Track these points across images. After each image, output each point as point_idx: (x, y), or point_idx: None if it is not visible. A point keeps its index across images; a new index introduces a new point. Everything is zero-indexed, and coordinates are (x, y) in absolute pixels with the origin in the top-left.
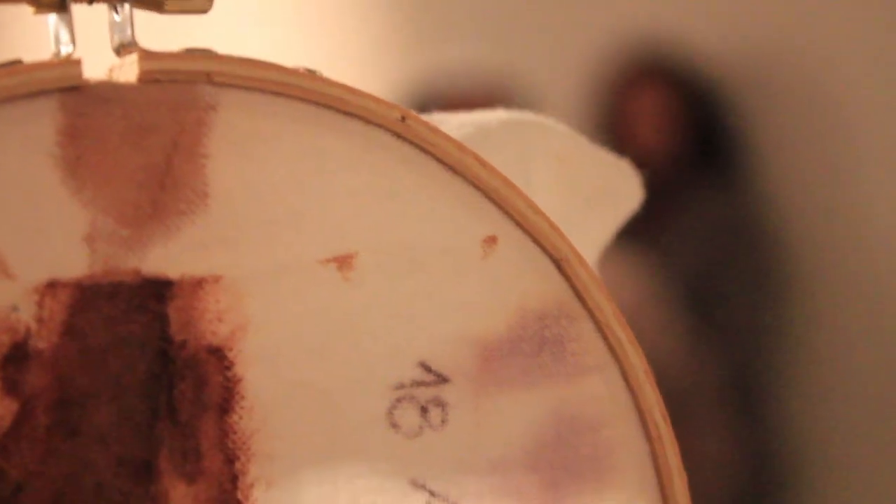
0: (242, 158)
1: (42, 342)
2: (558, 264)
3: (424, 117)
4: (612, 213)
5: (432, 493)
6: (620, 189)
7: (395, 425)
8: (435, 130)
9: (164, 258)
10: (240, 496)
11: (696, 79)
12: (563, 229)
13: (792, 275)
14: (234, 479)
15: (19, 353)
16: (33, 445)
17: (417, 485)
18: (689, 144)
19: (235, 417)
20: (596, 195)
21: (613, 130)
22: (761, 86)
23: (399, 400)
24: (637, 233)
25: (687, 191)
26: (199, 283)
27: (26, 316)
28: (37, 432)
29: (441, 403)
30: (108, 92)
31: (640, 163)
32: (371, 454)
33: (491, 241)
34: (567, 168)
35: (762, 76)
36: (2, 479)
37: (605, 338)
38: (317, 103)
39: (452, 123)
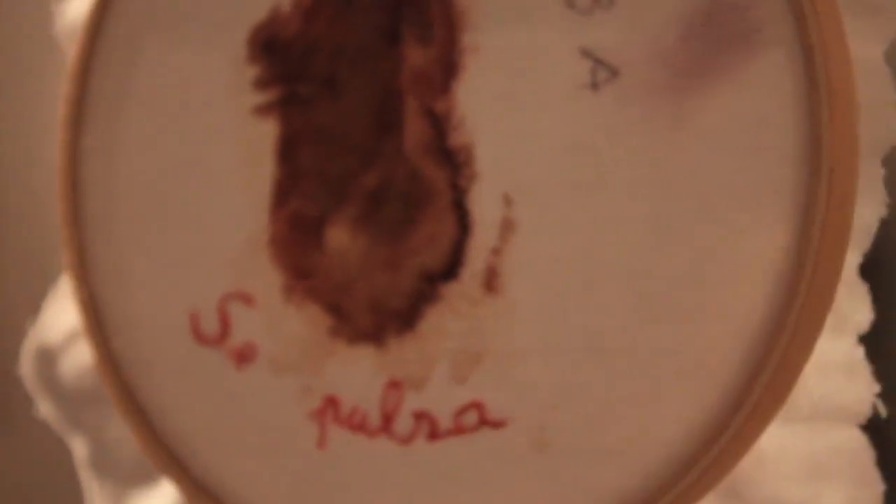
0: None
1: None
2: None
3: None
4: (879, 28)
5: (598, 61)
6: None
7: (570, 5)
8: None
9: None
10: (455, 57)
11: None
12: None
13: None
14: (455, 45)
15: None
16: (324, 14)
17: (586, 52)
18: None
19: None
20: (863, 8)
21: None
22: None
23: None
24: None
25: None
26: None
27: None
28: (326, 7)
29: None
30: None
31: None
32: (550, 26)
33: None
34: None
35: None
36: (305, 36)
37: None
38: None
39: None
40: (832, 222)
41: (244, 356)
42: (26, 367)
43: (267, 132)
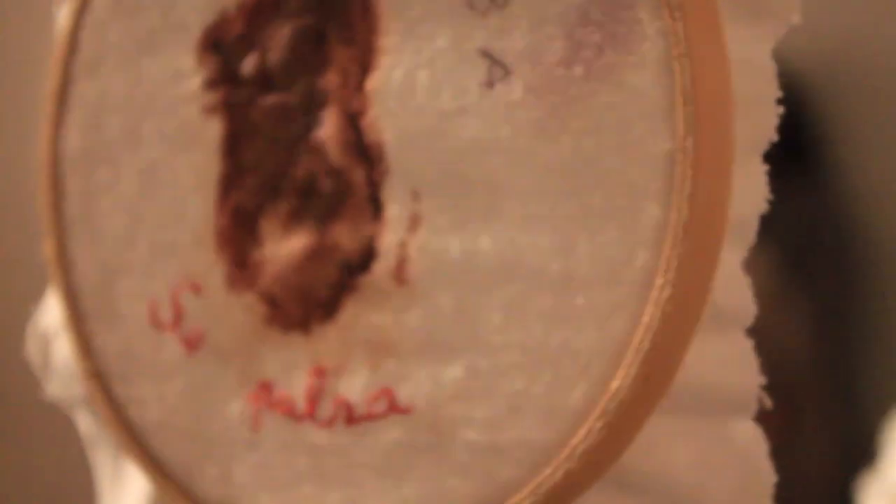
0: None
1: None
2: None
3: None
4: (766, 29)
5: (493, 60)
6: (779, 3)
7: (471, 6)
8: None
9: None
10: (371, 57)
11: (784, 78)
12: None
13: (877, 268)
14: (372, 46)
15: None
16: (262, 16)
17: (482, 52)
18: (775, 144)
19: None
20: (749, 10)
21: None
22: (844, 84)
23: None
24: None
25: (773, 188)
26: None
27: None
28: (264, 9)
29: None
30: None
31: None
32: (453, 26)
33: None
34: None
35: (845, 73)
36: (247, 37)
37: None
38: None
39: None
40: (698, 220)
41: (193, 343)
42: (30, 350)
43: (218, 130)
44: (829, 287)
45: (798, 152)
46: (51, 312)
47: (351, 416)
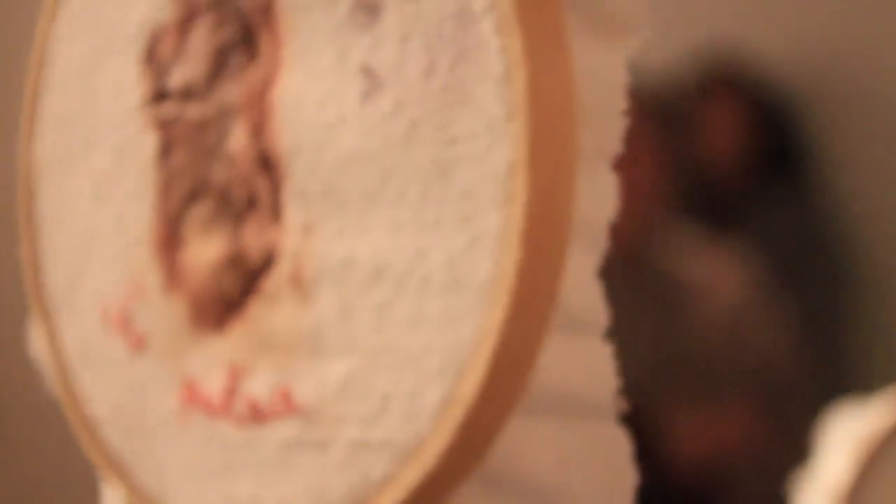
0: None
1: None
2: None
3: None
4: (616, 42)
5: (369, 73)
6: (628, 19)
7: (354, 20)
8: None
9: None
10: (275, 71)
11: (770, 88)
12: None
13: (863, 277)
14: (275, 59)
15: None
16: (188, 32)
17: (361, 64)
18: (762, 152)
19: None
20: (598, 25)
21: (688, 138)
22: (832, 94)
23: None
24: (711, 235)
25: (759, 197)
26: None
27: None
28: (189, 26)
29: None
30: None
31: (714, 169)
32: (339, 39)
33: None
34: None
35: (833, 85)
36: (176, 53)
37: None
38: None
39: None
40: (536, 228)
41: (137, 343)
42: (31, 348)
43: (154, 141)
44: (817, 291)
45: (787, 161)
46: None
47: (257, 414)
